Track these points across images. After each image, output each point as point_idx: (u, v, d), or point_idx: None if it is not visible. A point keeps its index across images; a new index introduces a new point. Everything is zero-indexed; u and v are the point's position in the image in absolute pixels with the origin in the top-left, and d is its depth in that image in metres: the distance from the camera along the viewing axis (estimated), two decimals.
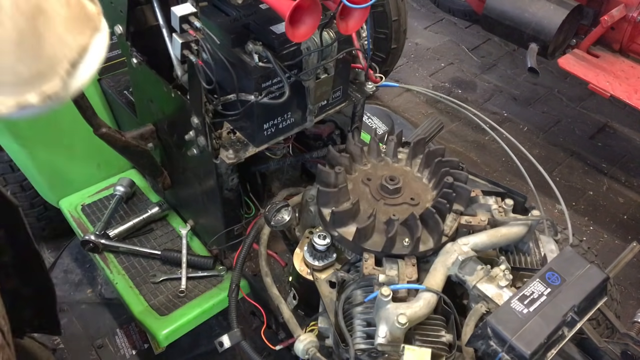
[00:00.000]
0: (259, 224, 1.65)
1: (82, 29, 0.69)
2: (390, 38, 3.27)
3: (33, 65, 0.63)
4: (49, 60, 0.65)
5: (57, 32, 0.65)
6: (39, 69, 0.64)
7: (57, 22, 0.65)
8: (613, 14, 2.91)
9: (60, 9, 0.66)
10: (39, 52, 0.64)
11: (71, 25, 0.67)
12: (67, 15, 0.67)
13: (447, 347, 1.25)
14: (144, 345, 2.27)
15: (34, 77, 0.64)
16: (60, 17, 0.66)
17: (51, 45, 0.65)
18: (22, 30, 0.61)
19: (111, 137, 1.69)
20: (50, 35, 0.64)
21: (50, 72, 0.65)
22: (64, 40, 0.66)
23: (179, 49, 1.47)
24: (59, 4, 0.66)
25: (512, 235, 1.42)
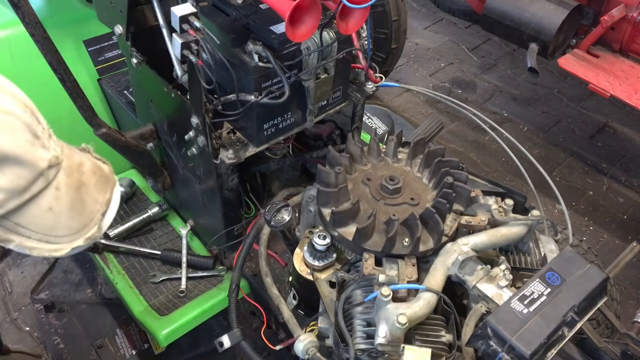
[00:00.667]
0: (259, 224, 1.65)
1: (105, 188, 0.96)
2: (390, 38, 3.27)
3: (79, 220, 0.90)
4: (89, 215, 0.92)
5: (92, 195, 0.92)
6: (83, 222, 0.91)
7: (91, 188, 0.92)
8: (613, 14, 2.91)
9: (92, 178, 0.93)
10: (82, 211, 0.90)
11: (99, 187, 0.95)
12: (96, 181, 0.94)
13: (447, 347, 1.26)
14: (144, 345, 2.28)
15: (81, 228, 0.90)
16: (92, 184, 0.92)
17: (89, 204, 0.92)
18: (73, 199, 0.87)
19: (111, 137, 1.69)
20: (88, 198, 0.91)
21: (91, 222, 0.92)
22: (97, 199, 0.93)
23: (179, 49, 1.47)
24: (91, 174, 0.93)
25: (512, 235, 1.42)
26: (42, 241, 0.85)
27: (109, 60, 2.28)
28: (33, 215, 0.82)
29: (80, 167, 0.92)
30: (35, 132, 0.82)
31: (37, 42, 1.42)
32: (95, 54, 2.25)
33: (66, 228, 0.88)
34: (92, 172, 0.94)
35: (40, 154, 0.82)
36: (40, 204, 0.83)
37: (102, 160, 1.01)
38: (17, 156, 0.77)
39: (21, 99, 0.84)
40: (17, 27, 1.98)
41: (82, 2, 2.27)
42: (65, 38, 2.15)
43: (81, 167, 0.92)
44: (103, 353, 2.24)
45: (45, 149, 0.83)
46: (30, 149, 0.80)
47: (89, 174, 0.93)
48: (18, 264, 2.71)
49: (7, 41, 2.04)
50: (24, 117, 0.81)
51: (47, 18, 2.12)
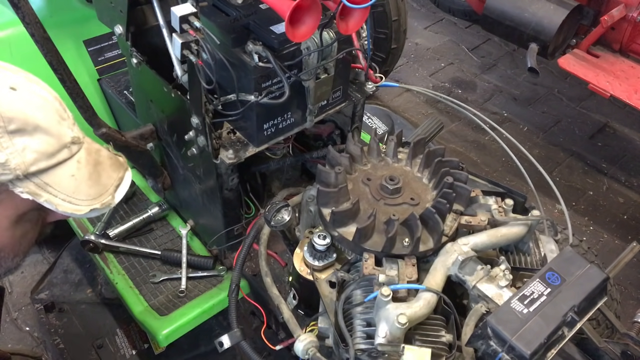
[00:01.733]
0: (259, 224, 1.65)
1: (118, 169, 1.18)
2: (390, 38, 3.27)
3: (96, 189, 1.11)
4: (104, 186, 1.13)
5: (107, 172, 1.14)
6: (99, 191, 1.11)
7: (107, 167, 1.14)
8: (613, 14, 2.91)
9: (107, 160, 1.15)
10: (99, 182, 1.11)
11: (113, 168, 1.16)
12: (111, 163, 1.16)
13: (447, 347, 1.25)
14: (144, 345, 2.27)
15: (97, 196, 1.11)
16: (107, 164, 1.15)
17: (105, 178, 1.13)
18: (91, 172, 1.10)
19: (111, 137, 1.69)
20: (104, 173, 1.13)
21: (106, 192, 1.13)
22: (111, 175, 1.15)
23: (179, 49, 1.47)
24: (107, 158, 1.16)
25: (512, 235, 1.42)
26: (65, 201, 1.04)
27: (109, 60, 2.29)
28: (59, 178, 1.03)
29: (98, 151, 1.15)
30: (62, 116, 1.06)
31: (37, 42, 1.42)
32: (95, 54, 2.25)
33: (85, 194, 1.08)
34: (108, 157, 1.16)
35: (65, 131, 1.05)
36: (64, 171, 1.04)
37: (118, 154, 1.22)
38: (46, 128, 1.00)
39: (54, 94, 1.08)
40: (17, 27, 1.98)
41: (82, 2, 2.27)
42: (65, 38, 2.15)
43: (99, 152, 1.15)
44: (103, 353, 2.24)
45: (70, 129, 1.06)
46: (57, 125, 1.03)
47: (105, 157, 1.15)
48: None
49: (7, 41, 2.05)
50: (54, 103, 1.06)
51: (47, 18, 2.12)
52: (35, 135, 0.98)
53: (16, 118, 0.95)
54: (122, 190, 1.16)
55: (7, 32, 2.05)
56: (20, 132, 0.96)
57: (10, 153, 0.95)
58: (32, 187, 0.99)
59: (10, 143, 0.95)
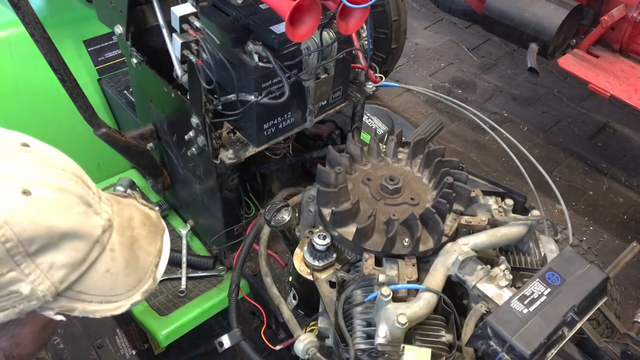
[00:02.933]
0: (259, 224, 1.65)
1: (155, 238, 0.97)
2: (390, 38, 3.27)
3: (135, 276, 0.91)
4: (143, 269, 0.93)
5: (144, 249, 0.94)
6: (139, 277, 0.91)
7: (143, 241, 0.94)
8: (613, 14, 2.91)
9: (142, 231, 0.94)
10: (137, 267, 0.91)
11: (150, 239, 0.96)
12: (147, 233, 0.95)
13: (447, 347, 1.25)
14: (144, 345, 2.27)
15: (137, 283, 0.91)
16: (143, 237, 0.94)
17: (142, 258, 0.93)
18: (127, 257, 0.89)
19: (111, 137, 1.69)
20: (141, 252, 0.93)
21: (145, 276, 0.93)
22: (149, 251, 0.94)
23: (179, 49, 1.47)
24: (141, 227, 0.95)
25: (512, 235, 1.42)
26: (102, 302, 0.87)
27: (109, 60, 2.29)
28: (93, 281, 0.85)
29: (130, 222, 0.95)
30: (88, 201, 0.85)
31: (37, 42, 1.42)
32: (95, 54, 2.25)
33: (124, 286, 0.90)
34: (142, 224, 0.97)
35: (95, 221, 0.85)
36: (98, 269, 0.85)
37: (148, 206, 1.02)
38: (74, 231, 0.81)
39: (72, 170, 0.87)
40: (17, 27, 1.98)
41: (82, 2, 2.27)
42: (65, 38, 2.15)
43: (131, 222, 0.95)
44: (103, 353, 2.24)
45: (98, 214, 0.87)
46: (85, 221, 0.83)
47: (139, 228, 0.96)
48: None
49: (7, 41, 2.05)
50: (77, 190, 0.84)
51: (47, 18, 2.12)
52: (62, 245, 0.80)
53: (37, 236, 0.77)
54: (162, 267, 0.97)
55: (7, 32, 2.05)
56: (44, 250, 0.78)
57: (35, 279, 0.77)
58: (65, 303, 0.82)
59: (34, 266, 0.77)
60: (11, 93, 2.09)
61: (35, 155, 0.84)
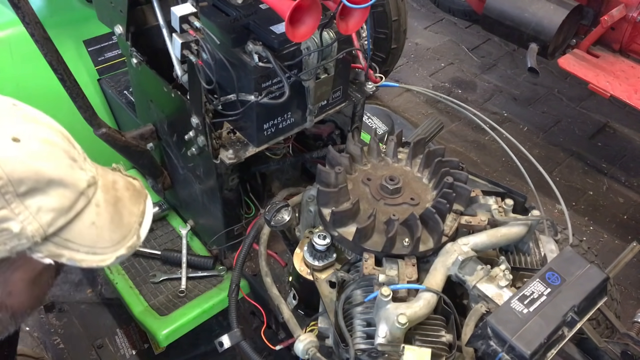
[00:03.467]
0: (259, 224, 1.65)
1: (138, 200, 1.04)
2: (390, 38, 3.27)
3: (120, 232, 0.97)
4: (128, 226, 0.99)
5: (128, 208, 1.01)
6: (123, 233, 0.98)
7: (126, 202, 1.01)
8: (613, 14, 2.91)
9: (126, 193, 1.02)
10: (121, 223, 0.98)
11: (133, 200, 1.03)
12: (130, 195, 1.03)
13: (447, 347, 1.25)
14: (144, 345, 2.27)
15: (122, 239, 0.97)
16: (127, 198, 1.01)
17: (127, 217, 1.00)
18: (112, 214, 0.96)
19: (111, 137, 1.69)
20: (125, 211, 1.00)
21: (130, 232, 0.99)
22: (132, 211, 1.02)
23: (179, 49, 1.47)
24: (125, 190, 1.02)
25: (512, 235, 1.42)
26: (89, 253, 0.93)
27: (109, 60, 2.28)
28: (79, 231, 0.92)
29: (114, 184, 1.02)
30: (73, 156, 0.94)
31: (37, 42, 1.42)
32: (95, 54, 2.25)
33: (109, 240, 0.96)
34: (126, 188, 1.04)
35: (79, 175, 0.93)
36: (84, 220, 0.92)
37: (132, 177, 1.10)
38: (59, 179, 0.88)
39: (58, 128, 0.96)
40: (17, 27, 1.98)
41: (82, 2, 2.27)
42: (65, 38, 2.15)
43: (115, 185, 1.02)
44: (103, 353, 2.24)
45: (83, 170, 0.94)
46: (71, 172, 0.91)
47: (123, 190, 1.03)
48: None
49: (7, 41, 2.04)
50: (63, 144, 0.93)
51: (47, 18, 2.12)
52: (49, 191, 0.87)
53: (26, 178, 0.84)
54: (145, 226, 1.04)
55: (7, 32, 2.05)
56: (32, 192, 0.85)
57: (25, 219, 0.84)
58: (52, 248, 0.89)
59: (23, 207, 0.84)
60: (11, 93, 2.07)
61: (24, 112, 0.94)
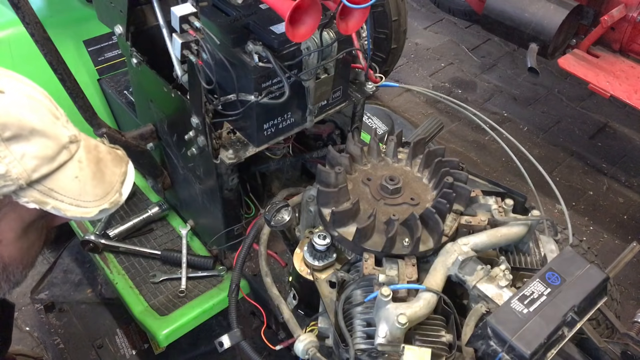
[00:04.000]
0: (259, 224, 1.65)
1: (120, 163, 1.13)
2: (390, 38, 3.27)
3: (102, 188, 1.06)
4: (110, 183, 1.08)
5: (110, 168, 1.09)
6: (105, 189, 1.06)
7: (108, 163, 1.10)
8: (613, 14, 2.91)
9: (108, 156, 1.11)
10: (103, 180, 1.07)
11: (115, 162, 1.11)
12: (112, 158, 1.11)
13: (447, 347, 1.25)
14: (144, 345, 2.27)
15: (104, 194, 1.06)
16: (108, 160, 1.10)
17: (109, 175, 1.08)
18: (93, 170, 1.05)
19: (111, 137, 1.69)
20: (107, 170, 1.08)
21: (112, 190, 1.08)
22: (114, 171, 1.10)
23: (179, 49, 1.47)
24: (107, 153, 1.11)
25: (512, 235, 1.42)
26: (73, 205, 1.00)
27: (109, 60, 2.29)
28: (63, 182, 0.99)
29: (96, 147, 1.10)
30: (55, 114, 1.01)
31: (37, 42, 1.42)
32: (95, 54, 2.25)
33: (92, 194, 1.04)
34: (107, 152, 1.12)
35: (61, 131, 1.00)
36: (67, 173, 1.00)
37: (115, 147, 1.17)
38: (42, 130, 0.95)
39: (41, 89, 1.04)
40: (17, 27, 1.98)
41: (82, 2, 2.27)
42: (65, 38, 2.15)
43: (97, 147, 1.10)
44: (103, 353, 2.24)
45: (65, 128, 1.02)
46: (53, 126, 0.98)
47: (105, 153, 1.11)
48: None
49: (7, 41, 2.05)
50: (45, 102, 1.01)
51: (47, 18, 2.12)
52: (33, 139, 0.93)
53: (10, 124, 0.90)
54: (127, 185, 1.12)
55: (7, 32, 2.05)
56: (16, 139, 0.91)
57: (10, 162, 0.90)
58: (37, 195, 0.95)
59: (8, 151, 0.90)
60: None
61: (10, 73, 1.02)
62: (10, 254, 1.04)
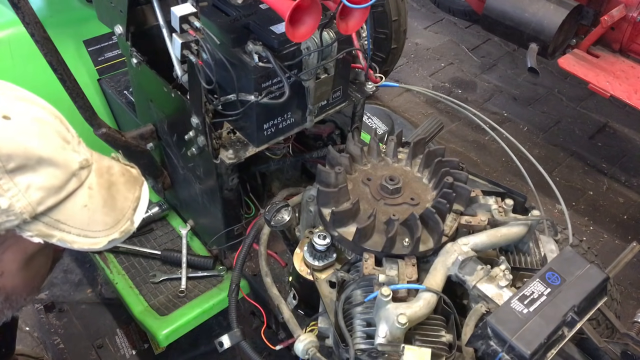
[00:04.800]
0: (259, 224, 1.65)
1: (134, 186, 1.05)
2: (390, 38, 3.27)
3: (113, 216, 0.98)
4: (121, 211, 1.00)
5: (122, 193, 1.01)
6: (116, 218, 0.98)
7: (121, 187, 1.01)
8: (613, 14, 2.91)
9: (121, 179, 1.02)
10: (114, 207, 0.98)
11: (128, 186, 1.03)
12: (125, 181, 1.03)
13: (447, 347, 1.25)
14: (144, 345, 2.27)
15: (115, 223, 0.98)
16: (121, 183, 1.02)
17: (120, 201, 1.00)
18: (105, 197, 0.97)
19: (111, 137, 1.69)
20: (119, 195, 1.00)
21: (123, 218, 0.99)
22: (127, 197, 1.02)
23: (179, 49, 1.47)
24: (120, 176, 1.03)
25: (512, 235, 1.42)
26: (80, 236, 0.93)
27: (109, 60, 2.28)
28: (70, 212, 0.92)
29: (109, 169, 1.02)
30: (66, 137, 0.94)
31: (37, 42, 1.42)
32: (95, 54, 2.25)
33: (102, 223, 0.96)
34: (121, 174, 1.04)
35: (72, 156, 0.93)
36: (75, 202, 0.93)
37: (130, 165, 1.11)
38: (50, 158, 0.88)
39: (50, 109, 0.97)
40: (17, 27, 1.98)
41: (82, 2, 2.27)
42: (65, 38, 2.15)
43: (110, 170, 1.03)
44: (103, 353, 2.24)
45: (76, 152, 0.95)
46: (62, 152, 0.91)
47: (118, 175, 1.03)
48: None
49: (7, 41, 2.04)
50: (55, 125, 0.94)
51: (47, 18, 2.12)
52: (39, 169, 0.86)
53: (15, 154, 0.84)
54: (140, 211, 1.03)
55: (7, 32, 2.05)
56: (21, 170, 0.85)
57: (13, 196, 0.84)
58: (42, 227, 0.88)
59: (12, 184, 0.84)
60: None
61: (17, 93, 0.94)
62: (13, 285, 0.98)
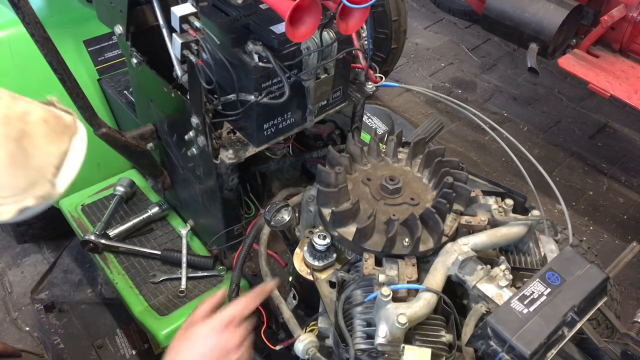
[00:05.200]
0: (259, 224, 1.65)
1: (61, 137, 0.81)
2: (390, 38, 3.27)
3: (25, 176, 0.76)
4: (38, 169, 0.77)
5: (40, 146, 0.78)
6: (30, 178, 0.76)
7: (38, 138, 0.78)
8: (613, 14, 2.91)
9: (39, 128, 0.78)
10: (28, 165, 0.76)
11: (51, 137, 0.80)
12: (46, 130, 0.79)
13: (447, 347, 1.25)
14: (144, 345, 2.27)
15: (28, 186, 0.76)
16: (40, 134, 0.78)
17: (37, 157, 0.77)
18: (12, 152, 0.74)
19: (111, 137, 1.69)
20: (35, 150, 0.77)
21: (41, 178, 0.77)
22: (47, 151, 0.79)
23: (179, 49, 1.47)
24: (38, 123, 0.79)
25: (512, 235, 1.42)
26: None
27: (109, 60, 2.29)
28: None
29: (24, 116, 0.78)
30: None
31: (37, 42, 1.42)
32: (95, 54, 2.25)
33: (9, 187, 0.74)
34: (42, 121, 0.80)
35: None
36: None
37: (66, 110, 0.87)
38: None
39: None
40: (17, 27, 1.98)
41: (82, 2, 2.27)
42: (65, 38, 2.15)
43: (26, 117, 0.78)
44: (103, 353, 2.24)
45: None
46: None
47: (36, 123, 0.79)
48: (18, 264, 2.71)
49: (7, 41, 2.05)
50: None
51: (47, 18, 2.12)
52: None
53: None
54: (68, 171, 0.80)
55: (7, 32, 2.05)
56: None
57: None
58: None
59: None
60: None
61: None
62: None
